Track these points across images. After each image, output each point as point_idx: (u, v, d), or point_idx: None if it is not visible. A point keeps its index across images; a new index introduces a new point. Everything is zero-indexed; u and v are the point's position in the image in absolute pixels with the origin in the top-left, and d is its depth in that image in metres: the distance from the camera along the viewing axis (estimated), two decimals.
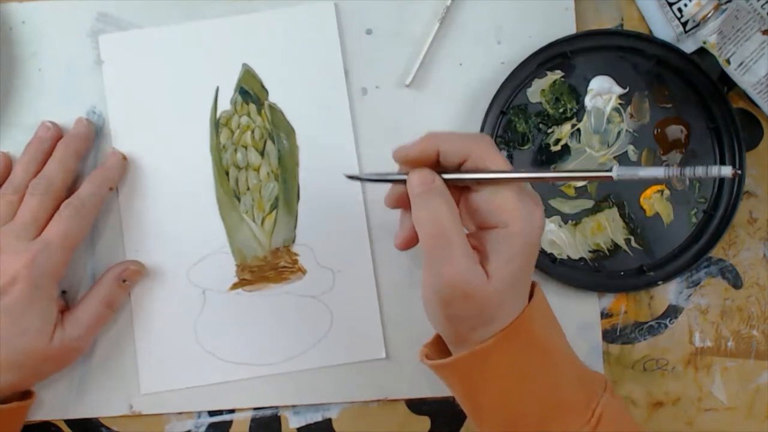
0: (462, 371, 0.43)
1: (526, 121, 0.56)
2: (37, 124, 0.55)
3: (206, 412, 0.56)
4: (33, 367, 0.50)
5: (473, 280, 0.40)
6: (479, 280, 0.40)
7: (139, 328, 0.56)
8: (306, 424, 0.56)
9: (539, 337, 0.42)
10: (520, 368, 0.42)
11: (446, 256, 0.40)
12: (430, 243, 0.41)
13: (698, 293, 0.57)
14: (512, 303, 0.42)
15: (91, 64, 0.57)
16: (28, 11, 0.57)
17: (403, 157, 0.43)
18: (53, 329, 0.51)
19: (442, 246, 0.40)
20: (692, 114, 0.56)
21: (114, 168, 0.55)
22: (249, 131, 0.56)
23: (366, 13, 0.57)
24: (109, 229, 0.56)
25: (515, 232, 0.40)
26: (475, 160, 0.41)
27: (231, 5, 0.57)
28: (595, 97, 0.56)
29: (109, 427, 0.56)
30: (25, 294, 0.49)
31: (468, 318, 0.41)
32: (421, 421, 0.56)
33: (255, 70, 0.57)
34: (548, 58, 0.56)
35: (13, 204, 0.52)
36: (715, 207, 0.56)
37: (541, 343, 0.42)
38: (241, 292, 0.56)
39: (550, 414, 0.42)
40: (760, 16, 0.52)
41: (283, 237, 0.56)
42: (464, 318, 0.41)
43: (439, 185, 0.42)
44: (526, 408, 0.42)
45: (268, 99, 0.57)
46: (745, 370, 0.57)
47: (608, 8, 0.58)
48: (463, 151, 0.41)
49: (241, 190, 0.56)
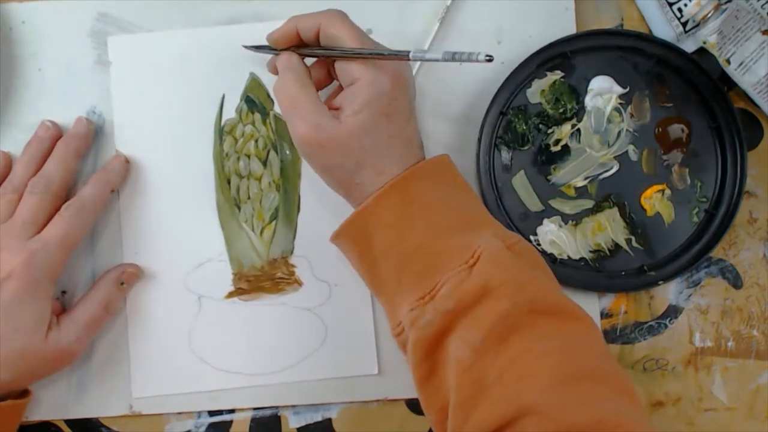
0: (351, 234, 0.47)
1: (526, 122, 0.56)
2: (37, 123, 0.55)
3: (206, 412, 0.56)
4: (27, 366, 0.50)
5: (321, 129, 0.46)
6: (328, 128, 0.46)
7: (133, 332, 0.56)
8: (306, 424, 0.56)
9: (419, 194, 0.45)
10: (402, 222, 0.45)
11: (296, 116, 0.47)
12: (283, 109, 0.48)
13: (698, 293, 0.57)
14: (379, 151, 0.46)
15: (91, 64, 0.57)
16: (28, 11, 0.57)
17: (272, 40, 0.50)
18: (48, 329, 0.51)
19: (291, 109, 0.47)
20: (693, 113, 0.56)
21: (116, 170, 0.55)
22: (253, 140, 0.56)
23: (366, 13, 0.57)
24: (109, 230, 0.56)
25: (362, 84, 0.46)
26: (325, 33, 0.47)
27: (230, 5, 0.57)
28: (595, 97, 0.56)
29: (109, 427, 0.56)
30: (20, 292, 0.49)
31: (338, 165, 0.46)
32: (421, 421, 0.56)
33: (262, 79, 0.57)
34: (548, 59, 0.56)
35: (12, 203, 0.52)
36: (716, 206, 0.56)
37: (423, 200, 0.45)
38: (237, 301, 0.56)
39: (432, 262, 0.44)
40: (760, 16, 0.52)
41: (282, 248, 0.56)
42: (334, 166, 0.46)
43: (291, 62, 0.49)
44: (408, 260, 0.45)
45: (273, 109, 0.57)
46: (745, 370, 0.57)
47: (608, 8, 0.58)
48: (314, 26, 0.48)
49: (242, 198, 0.56)
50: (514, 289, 0.42)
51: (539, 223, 0.56)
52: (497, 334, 0.41)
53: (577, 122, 0.56)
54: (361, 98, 0.46)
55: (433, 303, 0.43)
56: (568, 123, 0.56)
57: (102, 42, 0.57)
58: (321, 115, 0.46)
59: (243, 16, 0.57)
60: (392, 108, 0.46)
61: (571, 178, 0.56)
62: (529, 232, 0.56)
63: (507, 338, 0.41)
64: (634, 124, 0.56)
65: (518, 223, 0.56)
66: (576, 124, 0.56)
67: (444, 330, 0.42)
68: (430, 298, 0.43)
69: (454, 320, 0.42)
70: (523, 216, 0.56)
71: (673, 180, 0.56)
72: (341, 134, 0.45)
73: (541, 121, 0.56)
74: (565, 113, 0.56)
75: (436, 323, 0.42)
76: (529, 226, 0.56)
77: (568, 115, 0.56)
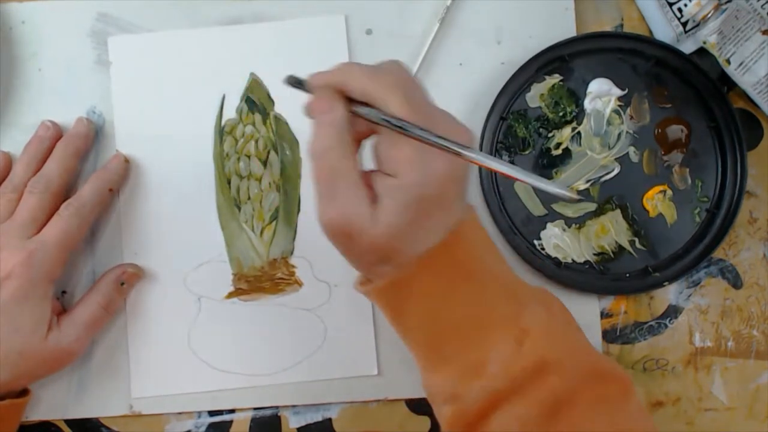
0: (386, 296, 0.43)
1: (526, 126, 0.56)
2: (37, 123, 0.55)
3: (206, 412, 0.56)
4: (26, 366, 0.50)
5: (356, 221, 0.39)
6: (362, 223, 0.39)
7: (132, 331, 0.56)
8: (306, 424, 0.56)
9: (463, 261, 0.42)
10: (443, 291, 0.41)
11: (330, 194, 0.40)
12: (317, 176, 0.40)
13: (698, 293, 0.57)
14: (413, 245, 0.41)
15: (91, 64, 0.57)
16: (28, 11, 0.57)
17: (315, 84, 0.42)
18: (48, 329, 0.51)
19: (328, 182, 0.40)
20: (692, 113, 0.56)
21: (116, 170, 0.55)
22: (253, 141, 0.56)
23: (366, 13, 0.57)
24: (109, 230, 0.56)
25: (406, 184, 0.39)
26: (378, 103, 0.40)
27: (231, 5, 0.57)
28: (594, 99, 0.56)
29: (109, 427, 0.56)
30: (19, 291, 0.49)
31: (362, 255, 0.41)
32: (421, 421, 0.56)
33: (262, 79, 0.57)
34: (546, 62, 0.56)
35: (12, 202, 0.52)
36: (718, 206, 0.56)
37: (466, 266, 0.42)
38: (237, 301, 0.56)
39: (473, 334, 0.41)
40: (760, 16, 0.52)
41: (282, 248, 0.56)
42: (359, 254, 0.42)
43: (335, 118, 0.40)
44: (449, 330, 0.42)
45: (273, 109, 0.57)
46: (745, 370, 0.57)
47: (608, 8, 0.58)
48: (365, 91, 0.40)
49: (242, 199, 0.56)
50: (565, 363, 0.41)
51: (542, 227, 0.56)
52: (548, 410, 0.40)
53: (577, 125, 0.56)
54: (400, 201, 0.39)
55: (479, 381, 0.41)
56: (568, 126, 0.56)
57: (102, 42, 0.57)
58: (357, 204, 0.39)
59: (243, 17, 0.57)
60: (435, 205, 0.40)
61: (573, 181, 0.56)
62: (533, 237, 0.56)
63: (558, 412, 0.40)
64: (634, 125, 0.56)
65: (521, 227, 0.56)
66: (576, 127, 0.56)
67: (490, 406, 0.41)
68: (475, 374, 0.41)
69: (503, 398, 0.40)
70: (526, 220, 0.56)
71: (674, 180, 0.56)
72: (373, 234, 0.40)
73: (542, 125, 0.56)
74: (565, 116, 0.56)
75: (481, 400, 0.41)
76: (533, 230, 0.56)
77: (568, 119, 0.56)
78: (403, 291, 0.42)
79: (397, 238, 0.40)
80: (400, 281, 0.41)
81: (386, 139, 0.40)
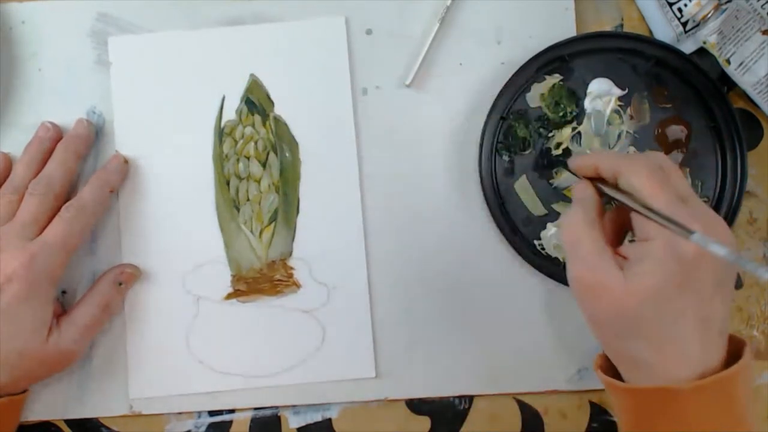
0: (641, 400, 0.42)
1: (527, 126, 0.56)
2: (37, 124, 0.55)
3: (206, 412, 0.56)
4: (26, 368, 0.50)
5: (599, 274, 0.41)
6: (609, 278, 0.40)
7: (131, 332, 0.56)
8: (306, 424, 0.56)
9: (739, 403, 0.40)
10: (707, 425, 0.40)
11: (576, 257, 0.42)
12: (565, 245, 0.44)
13: None
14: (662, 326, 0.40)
15: (91, 64, 0.57)
16: (28, 11, 0.57)
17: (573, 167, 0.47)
18: (48, 331, 0.51)
19: (572, 247, 0.43)
20: (692, 113, 0.56)
21: (115, 171, 0.55)
22: (252, 142, 0.56)
23: (366, 13, 0.57)
24: (109, 231, 0.56)
25: (658, 245, 0.40)
26: (623, 180, 0.43)
27: (231, 5, 0.57)
28: (594, 99, 0.56)
29: (109, 427, 0.56)
30: (21, 294, 0.49)
31: (608, 323, 0.42)
32: (421, 421, 0.56)
33: (262, 81, 0.57)
34: (546, 62, 0.56)
35: (13, 204, 0.52)
36: (718, 205, 0.56)
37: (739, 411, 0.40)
38: (235, 302, 0.56)
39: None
40: (760, 16, 0.52)
41: (281, 250, 0.56)
42: (605, 322, 0.42)
43: (584, 194, 0.45)
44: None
45: (273, 111, 0.57)
46: None
47: (608, 8, 0.58)
48: (613, 168, 0.43)
49: (241, 200, 0.56)
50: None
51: (543, 227, 0.56)
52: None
53: (577, 125, 0.56)
54: (652, 260, 0.40)
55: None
56: (568, 126, 0.56)
57: (102, 42, 0.57)
58: (603, 261, 0.41)
59: (243, 17, 0.57)
60: (688, 279, 0.40)
61: (574, 181, 0.56)
62: (533, 237, 0.56)
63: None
64: (634, 125, 0.56)
65: (522, 227, 0.56)
66: (576, 128, 0.56)
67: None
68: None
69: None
70: (527, 220, 0.56)
71: None
72: (620, 290, 0.40)
73: (542, 125, 0.56)
74: (565, 116, 0.56)
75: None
76: (533, 230, 0.56)
77: (569, 119, 0.56)
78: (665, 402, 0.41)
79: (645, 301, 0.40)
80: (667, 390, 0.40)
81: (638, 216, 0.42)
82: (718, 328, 0.41)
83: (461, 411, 0.56)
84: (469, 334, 0.56)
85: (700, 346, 0.40)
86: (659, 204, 0.40)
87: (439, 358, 0.56)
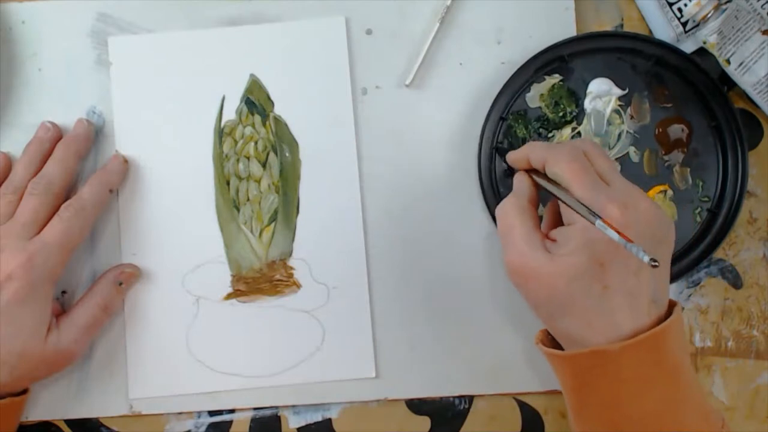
0: (577, 365, 0.44)
1: (526, 127, 0.56)
2: (37, 124, 0.55)
3: (206, 412, 0.56)
4: (25, 368, 0.50)
5: (530, 261, 0.44)
6: (537, 262, 0.43)
7: (130, 332, 0.56)
8: (306, 424, 0.56)
9: (670, 356, 0.42)
10: (642, 380, 0.42)
11: (508, 243, 0.45)
12: (499, 231, 0.47)
13: (698, 293, 0.57)
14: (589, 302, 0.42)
15: (91, 64, 0.57)
16: (28, 11, 0.57)
17: (510, 160, 0.50)
18: (48, 331, 0.51)
19: (505, 234, 0.46)
20: (693, 113, 0.56)
21: (115, 171, 0.55)
22: (252, 142, 0.56)
23: (366, 13, 0.57)
24: (108, 230, 0.56)
25: (579, 228, 0.43)
26: (549, 169, 0.46)
27: (231, 5, 0.57)
28: (594, 99, 0.56)
29: (109, 427, 0.56)
30: (20, 293, 0.49)
31: (541, 304, 0.44)
32: (421, 421, 0.56)
33: (262, 81, 0.57)
34: (546, 62, 0.56)
35: (12, 203, 0.52)
36: (719, 205, 0.56)
37: (671, 363, 0.42)
38: (235, 302, 0.56)
39: None
40: (760, 16, 0.52)
41: (280, 250, 0.56)
42: (538, 303, 0.45)
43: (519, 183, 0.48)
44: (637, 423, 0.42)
45: (273, 111, 0.57)
46: (745, 370, 0.57)
47: (608, 8, 0.58)
48: (540, 159, 0.46)
49: (241, 200, 0.56)
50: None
51: None
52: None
53: (577, 125, 0.56)
54: (575, 241, 0.42)
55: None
56: (568, 126, 0.56)
57: (102, 42, 0.57)
58: (531, 246, 0.44)
59: (243, 17, 0.57)
60: (609, 257, 0.42)
61: None
62: None
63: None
64: (635, 125, 0.56)
65: None
66: (576, 128, 0.56)
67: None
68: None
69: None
70: None
71: (675, 180, 0.56)
72: (547, 272, 0.43)
73: (542, 125, 0.56)
74: (565, 117, 0.56)
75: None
76: None
77: (568, 119, 0.56)
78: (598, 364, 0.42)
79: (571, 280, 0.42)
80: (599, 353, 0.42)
81: None
82: (650, 297, 0.43)
83: (461, 411, 0.56)
84: (469, 334, 0.56)
85: (630, 315, 0.42)
86: (578, 188, 0.43)
87: (439, 358, 0.56)
